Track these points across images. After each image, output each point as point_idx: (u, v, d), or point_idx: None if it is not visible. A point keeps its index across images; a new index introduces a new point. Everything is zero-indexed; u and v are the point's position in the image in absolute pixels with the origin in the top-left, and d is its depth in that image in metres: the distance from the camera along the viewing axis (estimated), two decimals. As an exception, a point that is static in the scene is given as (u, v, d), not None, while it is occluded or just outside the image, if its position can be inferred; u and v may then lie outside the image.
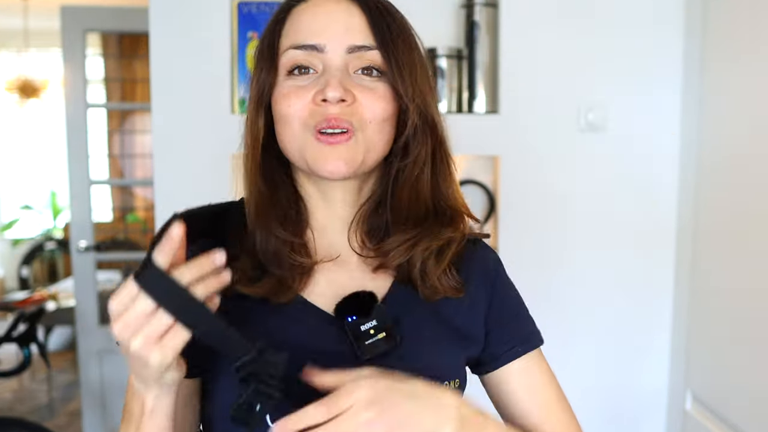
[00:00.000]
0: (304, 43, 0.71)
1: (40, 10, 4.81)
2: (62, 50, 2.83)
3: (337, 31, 0.71)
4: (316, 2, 0.73)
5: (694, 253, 1.75)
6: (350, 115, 0.70)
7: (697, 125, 1.73)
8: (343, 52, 0.71)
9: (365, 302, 0.74)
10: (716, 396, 1.63)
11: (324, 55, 0.71)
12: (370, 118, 0.71)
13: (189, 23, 1.71)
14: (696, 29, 1.73)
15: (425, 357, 0.73)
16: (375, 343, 0.71)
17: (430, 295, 0.75)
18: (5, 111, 5.86)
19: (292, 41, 0.72)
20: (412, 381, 0.65)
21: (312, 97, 0.70)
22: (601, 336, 1.85)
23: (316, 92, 0.70)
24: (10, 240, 6.17)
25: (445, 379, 0.73)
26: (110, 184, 5.36)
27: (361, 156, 0.72)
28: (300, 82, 0.71)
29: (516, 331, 0.82)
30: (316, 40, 0.71)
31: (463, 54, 1.76)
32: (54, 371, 4.23)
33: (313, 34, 0.71)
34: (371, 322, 0.72)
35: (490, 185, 1.88)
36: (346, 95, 0.69)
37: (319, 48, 0.71)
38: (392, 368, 0.69)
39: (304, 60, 0.71)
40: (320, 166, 0.70)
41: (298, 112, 0.70)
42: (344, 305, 0.73)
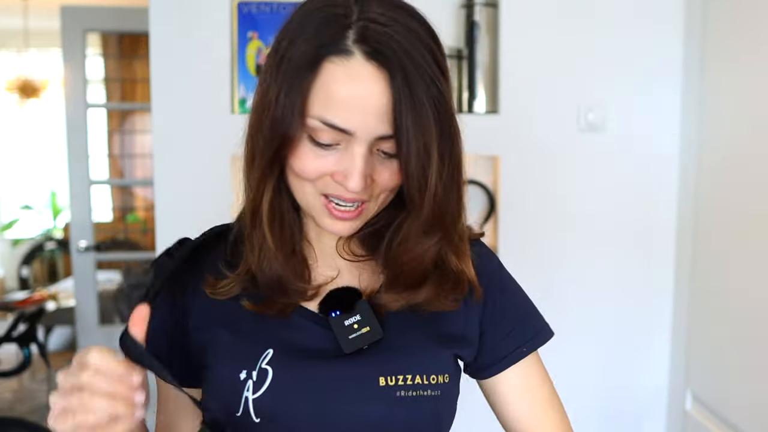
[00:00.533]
0: (336, 125, 0.65)
1: (40, 10, 4.82)
2: (62, 50, 2.84)
3: (369, 117, 0.65)
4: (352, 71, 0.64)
5: (694, 253, 1.75)
6: (365, 193, 0.69)
7: (697, 125, 1.73)
8: (372, 139, 0.66)
9: (350, 298, 0.75)
10: (716, 396, 1.63)
11: (352, 138, 0.66)
12: (383, 190, 0.71)
13: (189, 23, 1.71)
14: (696, 29, 1.73)
15: (411, 353, 0.74)
16: (358, 337, 0.73)
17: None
18: (5, 111, 5.86)
19: (323, 114, 0.65)
20: None
21: (332, 172, 0.68)
22: (601, 336, 1.85)
23: (337, 172, 0.67)
24: (10, 240, 6.17)
25: (432, 373, 0.73)
26: (110, 184, 5.36)
27: (367, 220, 0.73)
28: (321, 151, 0.67)
29: (521, 332, 0.81)
30: (348, 125, 0.65)
31: (463, 54, 1.76)
32: (54, 371, 4.22)
33: (347, 120, 0.65)
34: (355, 317, 0.73)
35: (490, 185, 1.88)
36: (367, 186, 0.68)
37: (349, 133, 0.66)
38: (377, 363, 0.72)
39: (331, 138, 0.67)
40: (327, 227, 0.71)
41: (312, 176, 0.68)
42: (329, 301, 0.75)
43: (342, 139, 0.66)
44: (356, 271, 0.79)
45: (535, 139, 1.78)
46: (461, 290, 0.76)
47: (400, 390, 0.71)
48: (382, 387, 0.71)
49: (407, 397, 0.71)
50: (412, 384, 0.72)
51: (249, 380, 0.71)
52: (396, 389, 0.71)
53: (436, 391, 0.73)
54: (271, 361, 0.71)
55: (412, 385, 0.72)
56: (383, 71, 0.64)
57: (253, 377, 0.71)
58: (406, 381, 0.72)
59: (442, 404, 0.74)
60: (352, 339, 0.73)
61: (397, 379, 0.71)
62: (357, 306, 0.74)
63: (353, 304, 0.74)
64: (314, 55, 0.65)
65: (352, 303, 0.74)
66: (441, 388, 0.73)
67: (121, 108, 5.27)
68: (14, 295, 4.16)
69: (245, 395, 0.70)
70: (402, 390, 0.71)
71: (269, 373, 0.71)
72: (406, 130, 0.65)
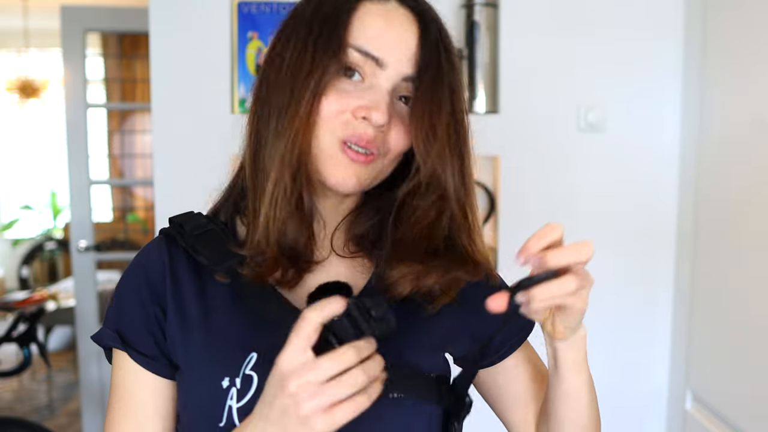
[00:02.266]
0: (370, 52, 0.67)
1: (40, 10, 4.82)
2: (62, 50, 2.83)
3: (403, 55, 0.68)
4: (388, 9, 0.69)
5: (694, 252, 1.75)
6: (380, 142, 0.68)
7: (697, 125, 1.73)
8: (399, 77, 0.68)
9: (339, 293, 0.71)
10: (716, 396, 1.63)
11: (381, 71, 0.68)
12: (392, 147, 0.70)
13: (189, 23, 1.72)
14: (696, 29, 1.73)
15: (400, 350, 0.71)
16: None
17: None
18: (5, 111, 5.86)
19: (357, 42, 0.67)
20: None
21: (353, 109, 0.67)
22: (601, 336, 1.85)
23: (361, 106, 0.67)
24: (10, 240, 6.17)
25: (420, 371, 0.71)
26: (110, 184, 5.36)
27: (372, 180, 0.71)
28: (344, 85, 0.68)
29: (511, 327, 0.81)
30: (382, 54, 0.67)
31: (463, 54, 1.76)
32: (54, 371, 4.23)
33: (381, 48, 0.67)
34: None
35: (490, 185, 1.88)
36: (387, 123, 0.68)
37: (380, 63, 0.67)
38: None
39: (360, 66, 0.68)
40: (331, 173, 0.68)
41: (332, 115, 0.67)
42: (318, 296, 0.70)
43: (370, 73, 0.68)
44: (344, 268, 0.76)
45: (535, 139, 1.78)
46: (473, 271, 0.72)
47: (392, 392, 0.68)
48: None
49: (399, 398, 0.69)
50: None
51: (232, 388, 0.66)
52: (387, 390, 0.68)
53: None
54: (256, 366, 0.67)
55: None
56: (415, 18, 0.70)
57: (237, 384, 0.66)
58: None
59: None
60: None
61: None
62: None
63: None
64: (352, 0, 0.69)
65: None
66: None
67: (121, 108, 5.28)
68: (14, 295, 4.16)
69: (228, 404, 0.66)
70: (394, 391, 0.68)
71: (254, 379, 0.66)
72: (426, 71, 0.68)
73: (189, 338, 0.70)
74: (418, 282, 0.70)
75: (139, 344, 0.72)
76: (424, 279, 0.70)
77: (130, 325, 0.72)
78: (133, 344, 0.72)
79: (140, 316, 0.72)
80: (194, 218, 0.76)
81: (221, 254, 0.71)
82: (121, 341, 0.72)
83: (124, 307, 0.74)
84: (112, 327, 0.73)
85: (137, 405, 0.72)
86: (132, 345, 0.71)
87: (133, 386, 0.72)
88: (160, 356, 0.71)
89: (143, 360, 0.71)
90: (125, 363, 0.72)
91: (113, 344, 0.72)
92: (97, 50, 5.08)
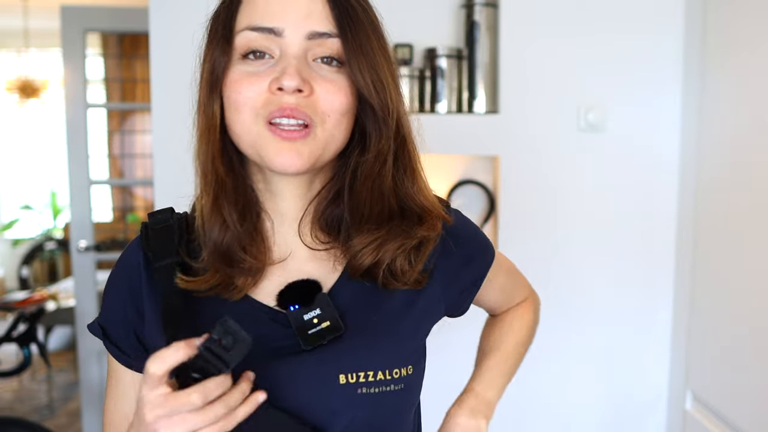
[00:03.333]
0: (261, 25, 0.66)
1: (40, 10, 4.82)
2: (62, 50, 2.83)
3: (298, 15, 0.66)
4: None
5: (694, 253, 1.75)
6: (308, 107, 0.66)
7: (697, 125, 1.73)
8: (303, 38, 0.66)
9: (309, 291, 0.71)
10: (716, 396, 1.63)
11: (282, 40, 0.66)
12: (329, 111, 0.67)
13: (189, 23, 1.71)
14: (696, 29, 1.73)
15: (372, 347, 0.71)
16: (318, 332, 0.69)
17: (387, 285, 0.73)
18: (5, 111, 5.86)
19: (248, 22, 0.67)
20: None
21: (267, 86, 0.66)
22: (601, 336, 1.85)
23: (272, 80, 0.65)
24: (10, 240, 6.17)
25: (395, 367, 0.70)
26: (110, 184, 5.36)
27: (319, 152, 0.68)
28: (253, 68, 0.67)
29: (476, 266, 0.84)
30: (273, 23, 0.66)
31: (463, 54, 1.76)
32: (54, 371, 4.23)
33: (271, 16, 0.66)
34: (314, 311, 0.69)
35: (490, 185, 1.88)
36: (304, 85, 0.65)
37: (276, 32, 0.66)
38: (337, 360, 0.69)
39: (260, 44, 0.67)
40: (272, 159, 0.66)
41: (251, 101, 0.66)
42: (287, 294, 0.71)
43: (272, 47, 0.67)
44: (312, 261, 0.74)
45: (535, 139, 1.78)
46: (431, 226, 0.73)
47: (361, 387, 0.68)
48: (343, 385, 0.68)
49: (369, 394, 0.68)
50: (374, 380, 0.69)
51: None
52: (357, 386, 0.68)
53: (399, 385, 0.70)
54: None
55: (375, 382, 0.69)
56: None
57: None
58: (368, 378, 0.68)
59: (404, 397, 0.72)
60: (311, 334, 0.68)
61: (358, 376, 0.68)
62: (316, 299, 0.70)
63: (312, 298, 0.70)
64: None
65: (312, 296, 0.70)
66: (404, 381, 0.71)
67: (121, 108, 5.27)
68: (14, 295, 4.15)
69: None
70: (364, 387, 0.68)
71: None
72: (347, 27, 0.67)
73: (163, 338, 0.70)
74: (377, 251, 0.70)
75: (119, 340, 0.75)
76: (384, 246, 0.70)
77: (112, 322, 0.76)
78: (114, 340, 0.75)
79: (121, 315, 0.75)
80: (162, 213, 0.78)
81: (165, 250, 0.72)
82: (104, 335, 0.76)
83: (107, 304, 0.77)
84: (100, 319, 0.78)
85: (126, 389, 0.77)
86: (113, 341, 0.75)
87: (121, 373, 0.77)
88: (139, 354, 0.73)
89: (121, 357, 0.75)
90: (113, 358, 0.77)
91: (98, 336, 0.77)
92: (97, 50, 5.08)
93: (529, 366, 1.89)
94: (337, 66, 0.68)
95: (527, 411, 1.84)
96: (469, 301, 0.86)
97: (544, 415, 1.86)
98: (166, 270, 0.70)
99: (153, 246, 0.72)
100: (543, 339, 1.92)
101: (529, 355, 1.93)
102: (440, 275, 0.78)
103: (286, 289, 0.71)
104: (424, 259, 0.73)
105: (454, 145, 1.76)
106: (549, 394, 1.85)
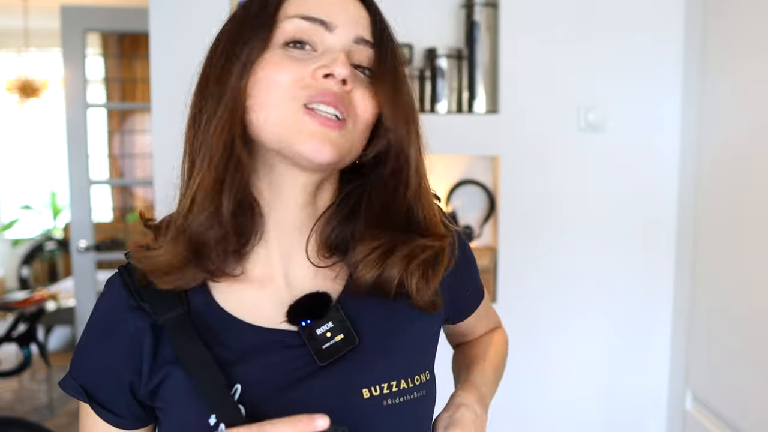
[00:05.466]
0: (315, 16, 0.65)
1: (40, 10, 4.82)
2: (62, 50, 2.83)
3: (349, 16, 0.67)
4: None
5: (694, 253, 1.75)
6: (346, 103, 0.64)
7: (697, 125, 1.73)
8: (350, 39, 0.66)
9: (318, 305, 0.68)
10: (716, 396, 1.63)
11: (330, 35, 0.66)
12: (361, 114, 0.66)
13: (189, 23, 1.71)
14: (696, 29, 1.73)
15: (390, 356, 0.69)
16: (333, 346, 0.66)
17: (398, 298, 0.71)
18: (5, 111, 5.86)
19: (299, 10, 0.65)
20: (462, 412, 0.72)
21: (312, 71, 0.64)
22: (601, 336, 1.85)
23: (319, 66, 0.64)
24: (10, 240, 6.17)
25: (416, 373, 0.70)
26: (110, 184, 5.36)
27: (346, 150, 0.66)
28: (296, 55, 0.65)
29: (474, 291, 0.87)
30: (328, 17, 0.65)
31: (463, 54, 1.76)
32: (54, 371, 4.23)
33: (326, 10, 0.66)
34: (327, 324, 0.67)
35: (490, 185, 1.88)
36: (350, 78, 0.64)
37: (329, 25, 0.65)
38: (360, 373, 0.67)
39: (308, 34, 0.65)
40: (303, 143, 0.63)
41: (290, 82, 0.63)
42: (296, 310, 0.68)
43: (320, 41, 0.66)
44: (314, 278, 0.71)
45: (535, 139, 1.78)
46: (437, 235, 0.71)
47: (386, 399, 0.66)
48: (368, 399, 0.66)
49: (394, 405, 0.67)
50: (398, 390, 0.67)
51: (221, 424, 0.62)
52: (382, 398, 0.66)
53: (421, 392, 0.69)
54: (242, 397, 0.64)
55: (399, 391, 0.67)
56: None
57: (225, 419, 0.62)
58: (392, 388, 0.67)
59: (427, 403, 0.71)
60: (326, 349, 0.66)
61: (381, 388, 0.67)
62: (328, 312, 0.68)
63: (324, 311, 0.68)
64: None
65: (323, 310, 0.68)
66: (425, 387, 0.70)
67: (121, 108, 5.27)
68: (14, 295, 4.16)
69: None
70: (389, 398, 0.67)
71: (242, 412, 0.63)
72: (385, 42, 0.68)
73: (167, 380, 0.66)
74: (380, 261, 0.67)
75: (110, 402, 0.69)
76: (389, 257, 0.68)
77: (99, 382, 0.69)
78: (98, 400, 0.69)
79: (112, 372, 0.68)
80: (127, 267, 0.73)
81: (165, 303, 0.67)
82: (87, 395, 0.69)
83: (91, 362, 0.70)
84: (78, 378, 0.70)
85: None
86: (97, 401, 0.69)
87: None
88: (128, 413, 0.69)
89: (114, 419, 0.69)
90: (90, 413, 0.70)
91: (79, 397, 0.70)
92: (97, 50, 5.08)
93: (530, 366, 1.89)
94: (369, 76, 0.68)
95: (527, 411, 1.84)
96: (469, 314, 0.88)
97: (544, 415, 1.86)
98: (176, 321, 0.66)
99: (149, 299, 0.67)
100: (543, 339, 1.92)
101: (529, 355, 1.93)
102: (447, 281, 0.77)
103: (295, 305, 0.68)
104: (439, 276, 0.71)
105: (454, 145, 1.76)
106: (549, 394, 1.85)
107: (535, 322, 1.82)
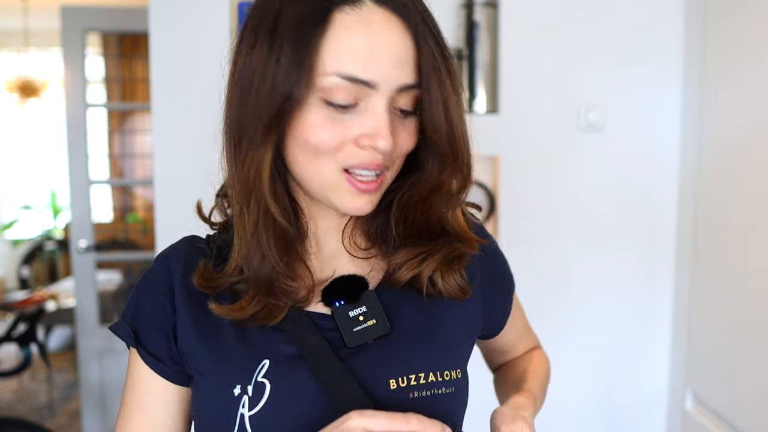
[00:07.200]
0: (357, 77, 0.60)
1: (40, 10, 4.82)
2: (62, 50, 2.83)
3: (391, 63, 0.61)
4: (365, 17, 0.61)
5: (694, 253, 1.75)
6: (387, 158, 0.65)
7: (697, 125, 1.73)
8: (393, 90, 0.62)
9: (355, 288, 0.70)
10: (716, 396, 1.63)
11: (373, 92, 0.62)
12: (400, 154, 0.66)
13: (189, 23, 1.71)
14: (696, 29, 1.73)
15: (421, 348, 0.69)
16: (364, 330, 0.67)
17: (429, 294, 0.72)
18: (5, 111, 5.86)
19: (340, 68, 0.60)
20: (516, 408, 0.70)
21: (355, 138, 0.62)
22: (601, 336, 1.85)
23: (362, 135, 0.62)
24: (10, 240, 6.17)
25: (446, 368, 0.69)
26: (110, 184, 5.36)
27: (383, 191, 0.68)
28: (337, 115, 0.62)
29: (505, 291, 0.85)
30: (370, 76, 0.60)
31: (463, 54, 1.76)
32: (54, 371, 4.23)
33: (367, 68, 0.60)
34: (360, 307, 0.68)
35: (490, 185, 1.88)
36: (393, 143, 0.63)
37: (372, 85, 0.61)
38: (388, 363, 0.67)
39: (350, 96, 0.61)
40: (346, 205, 0.65)
41: (331, 148, 0.62)
42: (332, 290, 0.70)
43: (361, 97, 0.62)
44: (351, 266, 0.73)
45: (535, 139, 1.78)
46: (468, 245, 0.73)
47: (413, 391, 0.66)
48: (394, 390, 0.66)
49: (421, 397, 0.66)
50: (425, 383, 0.67)
51: (244, 395, 0.64)
52: (408, 390, 0.66)
53: (450, 388, 0.68)
54: (268, 373, 0.65)
55: (426, 384, 0.67)
56: (396, 17, 0.62)
57: (249, 392, 0.65)
58: (419, 380, 0.66)
59: (455, 402, 0.70)
60: (356, 332, 0.67)
61: (409, 380, 0.66)
62: (363, 296, 0.69)
63: (359, 295, 0.69)
64: (321, 7, 0.60)
65: (358, 293, 0.69)
66: (455, 384, 0.69)
67: (121, 108, 5.27)
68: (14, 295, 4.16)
69: (240, 412, 0.64)
70: (415, 390, 0.66)
71: (266, 386, 0.64)
72: (434, 79, 0.63)
73: (201, 346, 0.69)
74: (420, 265, 0.70)
75: (151, 346, 0.71)
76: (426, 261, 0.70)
77: (145, 325, 0.72)
78: (145, 345, 0.71)
79: (157, 318, 0.71)
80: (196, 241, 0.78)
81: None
82: (135, 339, 0.71)
83: (142, 304, 0.73)
84: (129, 321, 0.73)
85: (148, 403, 0.71)
86: (145, 346, 0.71)
87: (145, 384, 0.71)
88: (171, 362, 0.71)
89: (154, 363, 0.71)
90: (139, 359, 0.72)
91: (128, 340, 0.72)
92: (97, 50, 5.09)
93: (529, 366, 1.89)
94: (411, 111, 0.66)
95: (527, 411, 1.84)
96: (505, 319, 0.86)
97: (544, 415, 1.86)
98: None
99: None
100: (543, 339, 1.92)
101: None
102: (480, 285, 0.78)
103: (332, 284, 0.70)
104: (461, 269, 0.73)
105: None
106: (548, 394, 1.85)
107: (535, 322, 1.82)
